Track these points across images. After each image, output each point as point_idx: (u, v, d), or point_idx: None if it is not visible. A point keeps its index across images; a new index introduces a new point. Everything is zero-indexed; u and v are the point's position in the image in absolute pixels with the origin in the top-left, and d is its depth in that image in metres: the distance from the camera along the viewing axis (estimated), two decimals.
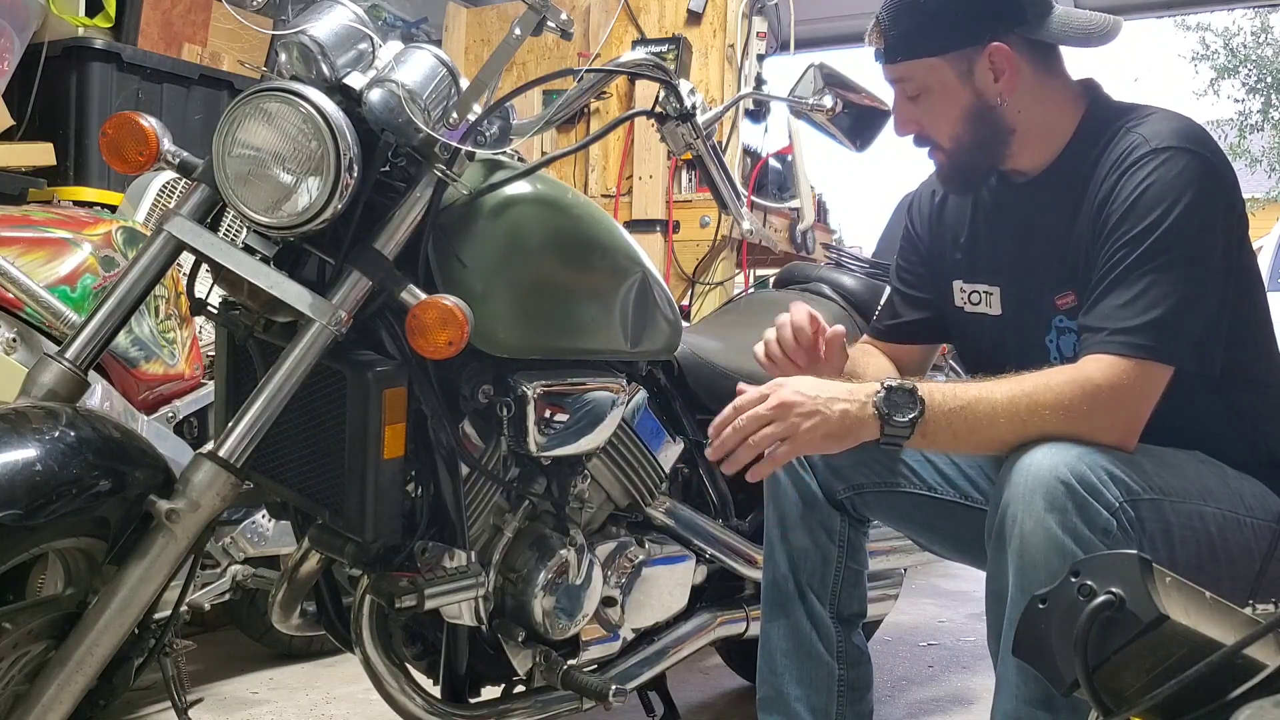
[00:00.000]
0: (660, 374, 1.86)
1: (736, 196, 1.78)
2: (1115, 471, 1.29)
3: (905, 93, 1.52)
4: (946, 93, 1.48)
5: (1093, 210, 1.42)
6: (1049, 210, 1.49)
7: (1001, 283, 1.57)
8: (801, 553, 1.64)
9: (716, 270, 3.78)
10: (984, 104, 1.48)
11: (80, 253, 2.00)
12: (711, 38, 3.96)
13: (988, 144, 1.50)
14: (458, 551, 1.51)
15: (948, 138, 1.51)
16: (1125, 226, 1.37)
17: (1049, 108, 1.49)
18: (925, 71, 1.48)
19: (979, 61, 1.46)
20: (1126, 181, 1.38)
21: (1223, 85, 17.67)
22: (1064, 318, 1.48)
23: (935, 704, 2.50)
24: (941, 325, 1.71)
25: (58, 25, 3.14)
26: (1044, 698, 1.28)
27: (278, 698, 2.33)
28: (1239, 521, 1.38)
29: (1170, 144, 1.37)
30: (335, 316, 1.34)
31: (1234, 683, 0.86)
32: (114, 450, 1.26)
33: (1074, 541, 1.24)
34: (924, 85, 1.49)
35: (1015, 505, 1.28)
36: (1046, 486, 1.26)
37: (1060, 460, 1.27)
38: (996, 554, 1.33)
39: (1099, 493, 1.26)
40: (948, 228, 1.66)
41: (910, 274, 1.72)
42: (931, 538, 1.69)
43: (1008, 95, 1.47)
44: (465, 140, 1.44)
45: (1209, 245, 1.36)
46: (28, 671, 1.25)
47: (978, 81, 1.47)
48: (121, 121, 1.38)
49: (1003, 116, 1.48)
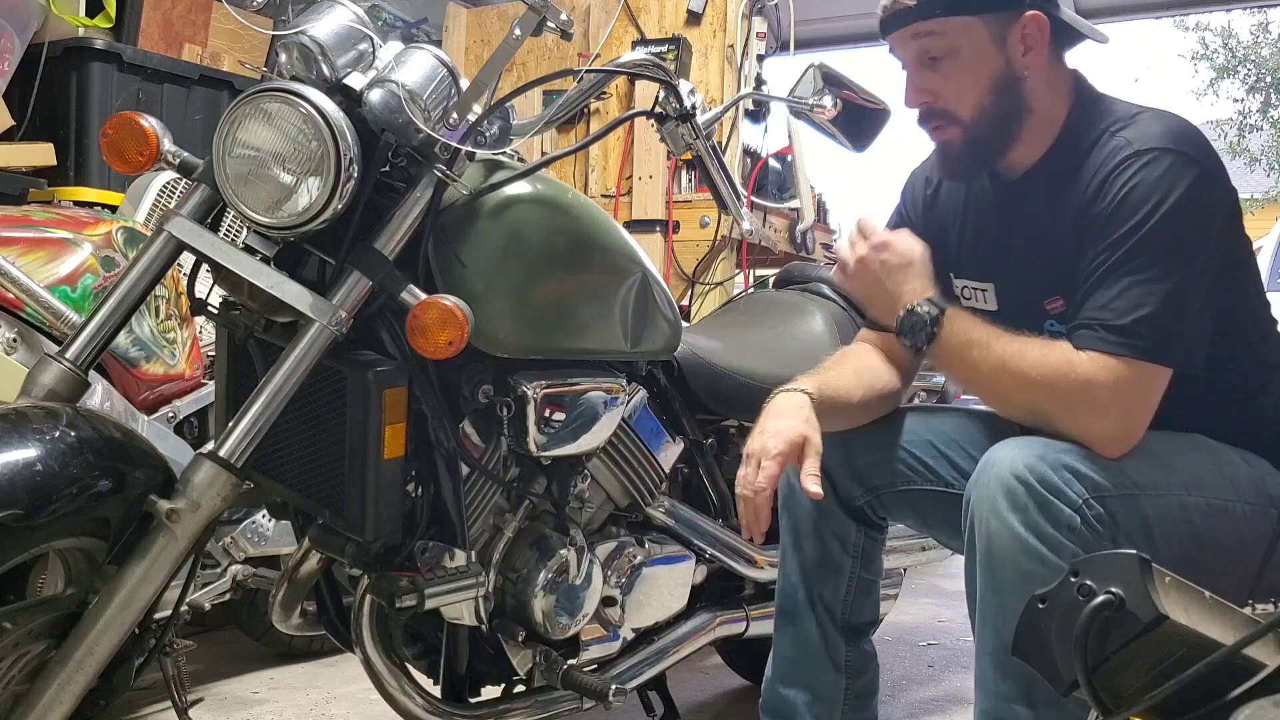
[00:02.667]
0: (660, 374, 1.86)
1: (736, 196, 1.78)
2: (1080, 468, 1.28)
3: (927, 52, 1.45)
4: (977, 56, 1.43)
5: (1079, 213, 1.41)
6: (1035, 212, 1.48)
7: (994, 280, 1.56)
8: (813, 562, 1.63)
9: (716, 270, 3.78)
10: (1012, 75, 1.44)
11: (81, 253, 2.00)
12: (711, 38, 3.96)
13: (1008, 119, 1.46)
14: (458, 551, 1.51)
15: (971, 107, 1.45)
16: (1111, 227, 1.36)
17: (1052, 95, 1.47)
18: (959, 30, 1.43)
19: (1014, 28, 1.43)
20: (1112, 184, 1.37)
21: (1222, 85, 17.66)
22: (1055, 322, 1.47)
23: (935, 704, 2.50)
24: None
25: (58, 25, 3.14)
26: (1023, 694, 1.28)
27: (278, 697, 2.33)
28: (1226, 509, 1.36)
29: (1155, 145, 1.36)
30: (335, 316, 1.34)
31: (1233, 682, 0.86)
32: (114, 450, 1.26)
33: (1038, 540, 1.25)
34: (953, 46, 1.43)
35: (981, 506, 1.29)
36: (1007, 486, 1.27)
37: (1020, 459, 1.28)
38: (968, 553, 1.34)
39: (1060, 491, 1.26)
40: (938, 219, 1.63)
41: None
42: (952, 535, 1.68)
43: (1029, 71, 1.44)
44: (465, 140, 1.44)
45: (1196, 244, 1.35)
46: (28, 671, 1.25)
47: (1009, 49, 1.43)
48: (122, 122, 1.38)
49: (1024, 92, 1.45)
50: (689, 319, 3.30)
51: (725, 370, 1.93)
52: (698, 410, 1.94)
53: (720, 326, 2.20)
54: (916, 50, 1.47)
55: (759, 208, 3.76)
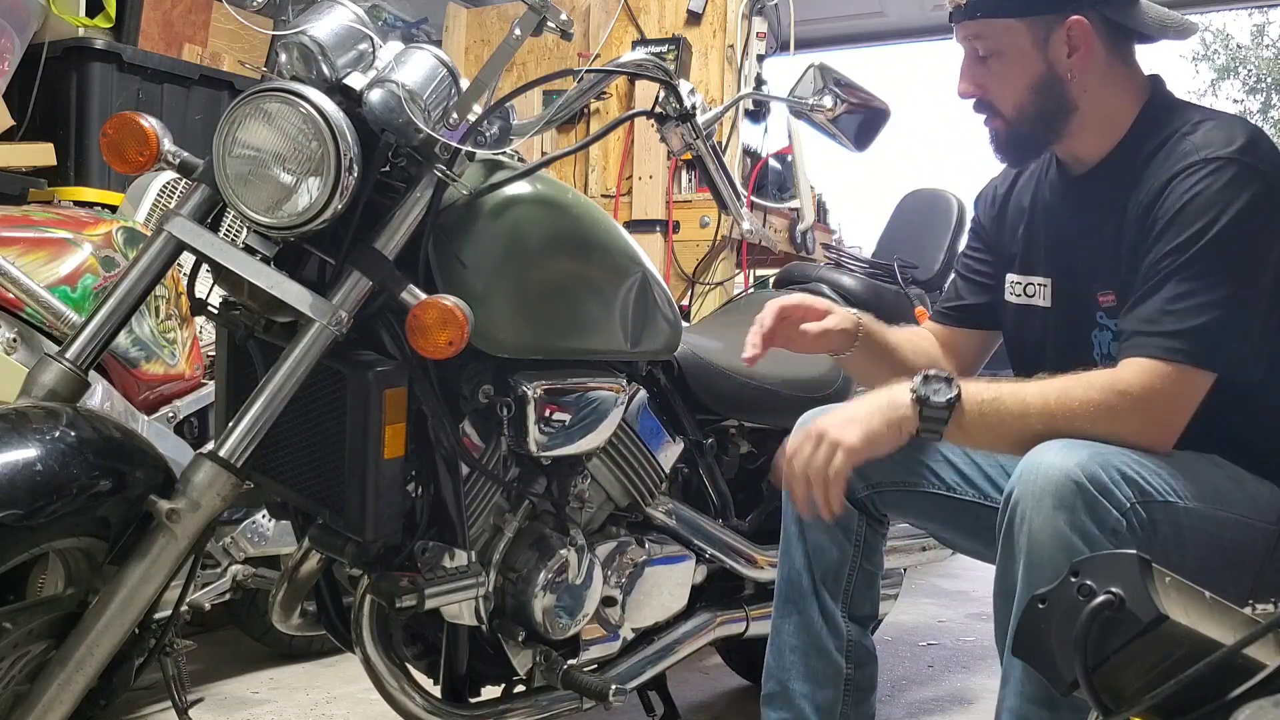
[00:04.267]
0: (660, 374, 1.86)
1: (736, 196, 1.78)
2: (1128, 472, 1.28)
3: (976, 53, 1.51)
4: (1018, 57, 1.48)
5: (1139, 213, 1.42)
6: (1098, 206, 1.50)
7: (1053, 275, 1.57)
8: (817, 549, 1.64)
9: (716, 270, 3.78)
10: (1053, 76, 1.48)
11: (81, 253, 2.00)
12: (711, 38, 3.96)
13: (1049, 118, 1.50)
14: (458, 551, 1.51)
15: (1011, 105, 1.51)
16: (1170, 234, 1.37)
17: (1114, 94, 1.49)
18: (1001, 32, 1.48)
19: (1057, 32, 1.46)
20: (1174, 189, 1.38)
21: (1222, 86, 17.67)
22: (1104, 315, 1.48)
23: (935, 704, 2.50)
24: (989, 311, 1.72)
25: (58, 25, 3.14)
26: (1049, 695, 1.27)
27: (278, 697, 2.33)
28: (1252, 526, 1.37)
29: (1221, 154, 1.37)
30: (336, 316, 1.34)
31: (1234, 682, 0.86)
32: (114, 450, 1.26)
33: (1083, 541, 1.24)
34: (997, 47, 1.48)
35: (1025, 503, 1.28)
36: (1057, 485, 1.26)
37: (1072, 459, 1.27)
38: (1005, 551, 1.32)
39: (1110, 493, 1.26)
40: (1009, 221, 1.67)
41: (974, 259, 1.73)
42: (952, 535, 1.69)
43: (1078, 72, 1.47)
44: (465, 140, 1.44)
45: (1255, 256, 1.35)
46: (28, 671, 1.25)
47: (1051, 52, 1.47)
48: (122, 122, 1.38)
49: (1068, 92, 1.48)
50: (689, 319, 3.30)
51: (725, 370, 1.93)
52: (698, 410, 1.94)
53: (720, 326, 2.20)
54: (969, 46, 1.52)
55: (759, 208, 3.76)
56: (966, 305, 1.74)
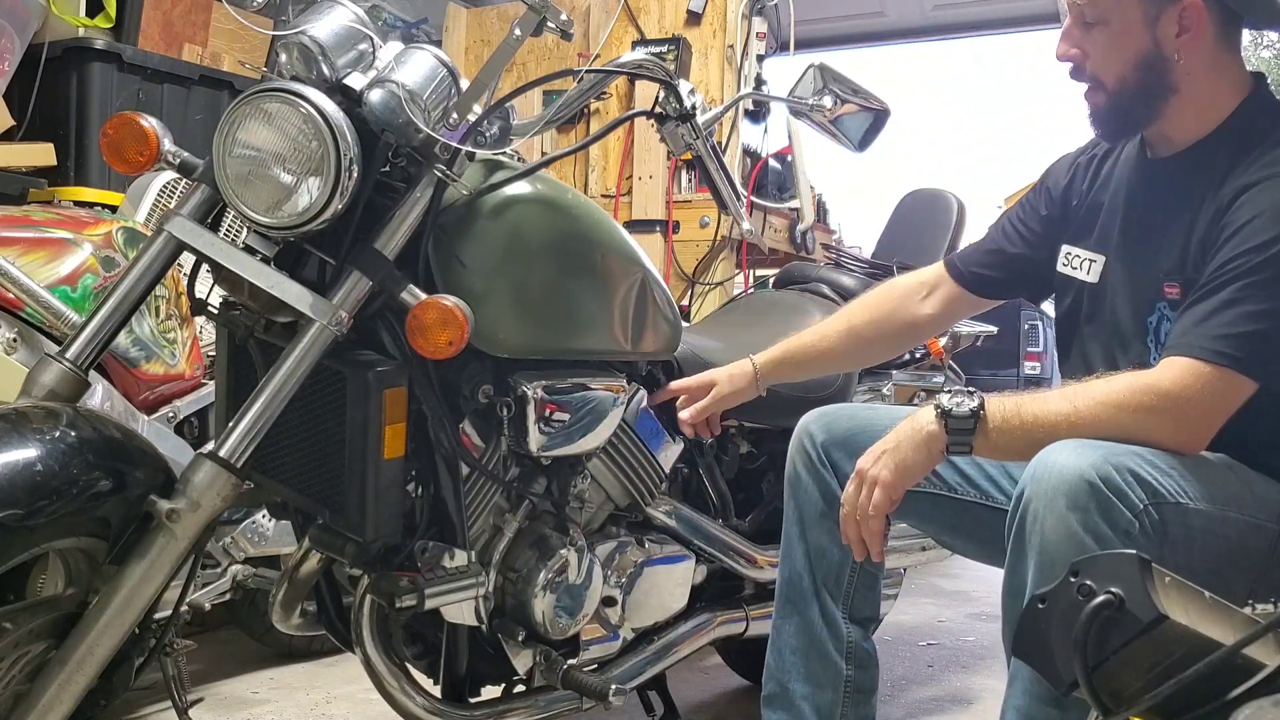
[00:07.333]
0: (660, 374, 1.86)
1: (736, 197, 1.78)
2: (1141, 473, 1.27)
3: (1083, 16, 1.48)
4: (1125, 30, 1.45)
5: (1214, 212, 1.40)
6: (1176, 192, 1.48)
7: (1109, 252, 1.55)
8: (819, 551, 1.64)
9: (716, 270, 3.78)
10: (1158, 54, 1.45)
11: (81, 253, 2.00)
12: (711, 38, 3.96)
13: (1150, 96, 1.47)
14: (458, 551, 1.51)
15: (1114, 77, 1.47)
16: (1236, 240, 1.35)
17: (1216, 81, 1.47)
18: (1112, 3, 1.45)
19: (1169, 10, 1.43)
20: (1253, 196, 1.36)
21: None
22: (1167, 305, 1.46)
23: (935, 704, 2.50)
24: (1006, 288, 1.73)
25: (58, 25, 3.15)
26: (1057, 695, 1.27)
27: (278, 697, 2.33)
28: (1260, 527, 1.37)
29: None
30: (335, 316, 1.34)
31: (1233, 682, 0.86)
32: (114, 450, 1.26)
33: (1095, 541, 1.23)
34: (1104, 15, 1.45)
35: (1037, 502, 1.27)
36: (1070, 485, 1.25)
37: (1085, 459, 1.26)
38: (1016, 551, 1.32)
39: (1123, 494, 1.25)
40: (1076, 192, 1.64)
41: (1020, 227, 1.71)
42: (953, 537, 1.69)
43: (1184, 54, 1.44)
44: (465, 140, 1.44)
45: None
46: (28, 671, 1.25)
47: (1160, 30, 1.44)
48: (122, 122, 1.38)
49: (1171, 72, 1.45)
50: (689, 319, 3.30)
51: None
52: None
53: (720, 326, 2.20)
54: (1077, 9, 1.49)
55: (759, 208, 3.76)
56: (979, 272, 1.74)
